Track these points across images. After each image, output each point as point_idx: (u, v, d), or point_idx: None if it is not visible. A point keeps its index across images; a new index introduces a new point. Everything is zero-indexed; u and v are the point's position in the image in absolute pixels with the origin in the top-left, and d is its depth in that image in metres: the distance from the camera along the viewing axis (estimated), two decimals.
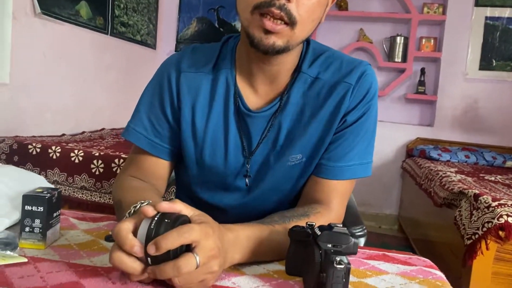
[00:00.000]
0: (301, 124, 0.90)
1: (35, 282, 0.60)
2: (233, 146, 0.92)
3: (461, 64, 3.73)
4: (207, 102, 0.92)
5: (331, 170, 0.90)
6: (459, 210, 1.93)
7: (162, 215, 0.60)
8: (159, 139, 0.94)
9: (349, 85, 0.88)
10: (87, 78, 3.02)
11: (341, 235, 0.64)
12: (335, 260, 0.60)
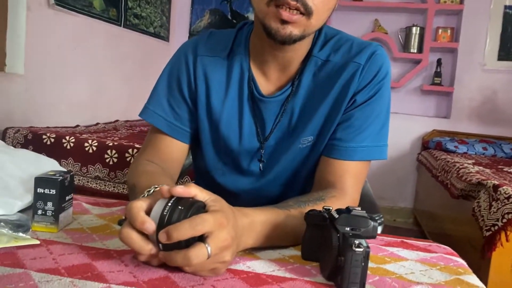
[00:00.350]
0: (311, 106, 0.90)
1: (48, 263, 0.60)
2: (247, 131, 0.93)
3: (478, 55, 3.66)
4: (223, 86, 0.93)
5: (343, 150, 0.88)
6: (478, 201, 1.89)
7: (177, 201, 0.58)
8: (178, 121, 0.95)
9: (358, 64, 0.88)
10: (102, 70, 3.03)
11: (359, 218, 0.62)
12: (354, 243, 0.58)
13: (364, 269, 0.58)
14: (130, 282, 0.56)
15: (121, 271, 0.59)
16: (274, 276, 0.62)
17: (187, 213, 0.57)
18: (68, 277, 0.56)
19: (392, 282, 0.63)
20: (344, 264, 0.58)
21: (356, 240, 0.58)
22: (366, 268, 0.59)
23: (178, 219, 0.57)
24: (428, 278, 0.66)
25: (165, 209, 0.58)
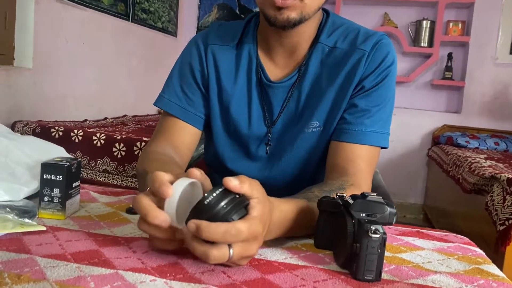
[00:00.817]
0: (318, 92, 0.92)
1: (54, 249, 0.58)
2: (255, 115, 0.95)
3: (490, 48, 3.60)
4: (232, 73, 0.96)
5: (354, 134, 0.88)
6: (491, 195, 1.85)
7: (223, 193, 0.53)
8: (192, 107, 0.97)
9: (364, 51, 0.89)
10: (110, 64, 3.02)
11: (375, 204, 0.59)
12: (370, 229, 0.55)
13: (381, 257, 0.56)
14: (138, 268, 0.54)
15: (128, 257, 0.57)
16: (287, 263, 0.60)
17: (228, 215, 0.52)
18: (74, 263, 0.54)
19: (409, 271, 0.61)
20: (359, 251, 0.56)
21: (373, 226, 0.56)
22: (383, 255, 0.56)
23: (216, 216, 0.52)
24: (446, 267, 0.64)
25: (209, 196, 0.52)
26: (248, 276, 0.54)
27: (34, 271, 0.51)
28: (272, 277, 0.55)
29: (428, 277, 0.59)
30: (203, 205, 0.52)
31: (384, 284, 0.56)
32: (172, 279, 0.52)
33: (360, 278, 0.56)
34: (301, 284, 0.54)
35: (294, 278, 0.55)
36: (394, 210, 0.60)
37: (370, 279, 0.56)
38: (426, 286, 0.56)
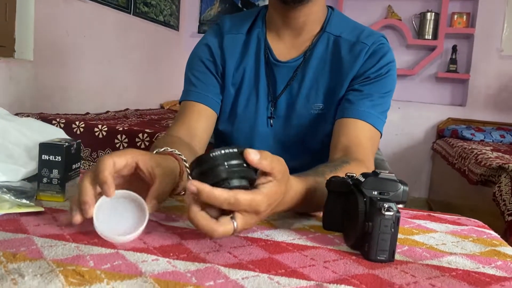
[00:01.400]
0: (321, 76, 0.98)
1: (52, 230, 0.56)
2: (262, 91, 1.00)
3: (496, 40, 3.55)
4: (243, 56, 1.02)
5: (355, 111, 0.91)
6: (499, 186, 1.82)
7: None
8: (207, 92, 0.99)
9: (366, 45, 0.95)
10: (111, 58, 3.00)
11: (388, 182, 0.57)
12: (383, 206, 0.53)
13: (394, 236, 0.54)
14: (139, 248, 0.52)
15: None
16: (295, 244, 0.57)
17: (227, 176, 0.50)
18: (73, 243, 0.52)
19: (422, 252, 0.58)
20: (372, 231, 0.53)
21: (386, 203, 0.53)
22: (396, 235, 0.54)
23: (213, 171, 0.50)
24: (461, 249, 0.61)
25: (217, 151, 0.50)
26: (255, 256, 0.52)
27: (31, 250, 0.49)
28: (280, 257, 0.52)
29: (443, 258, 0.57)
30: (207, 156, 0.50)
31: (397, 265, 0.53)
32: (175, 259, 0.49)
33: (373, 258, 0.53)
34: (311, 264, 0.51)
35: (303, 258, 0.53)
36: (407, 188, 0.57)
37: (383, 259, 0.53)
38: (442, 267, 0.54)
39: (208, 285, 0.43)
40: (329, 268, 0.50)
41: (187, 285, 0.43)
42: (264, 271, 0.48)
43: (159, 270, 0.46)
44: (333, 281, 0.46)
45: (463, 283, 0.49)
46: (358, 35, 0.97)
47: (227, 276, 0.46)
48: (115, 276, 0.44)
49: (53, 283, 0.41)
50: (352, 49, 0.95)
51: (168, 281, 0.43)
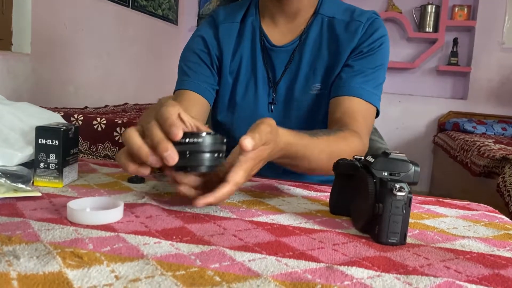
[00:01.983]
0: (318, 57, 0.98)
1: (50, 213, 0.54)
2: (261, 78, 1.00)
3: (497, 33, 3.54)
4: (238, 45, 1.01)
5: (348, 88, 0.92)
6: (503, 176, 1.80)
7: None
8: (202, 82, 0.99)
9: (360, 22, 0.97)
10: (110, 52, 2.97)
11: (399, 162, 0.54)
12: (394, 187, 0.51)
13: (406, 218, 0.51)
14: (141, 231, 0.50)
15: (131, 221, 0.53)
16: (302, 227, 0.55)
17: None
18: (71, 226, 0.50)
19: (434, 236, 0.56)
20: (382, 212, 0.51)
21: (397, 183, 0.51)
22: (408, 216, 0.52)
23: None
24: (474, 233, 0.59)
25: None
26: (262, 239, 0.50)
27: (27, 234, 0.46)
28: (287, 240, 0.50)
29: (456, 242, 0.54)
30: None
31: (409, 248, 0.51)
32: (178, 241, 0.47)
33: (383, 241, 0.51)
34: (320, 246, 0.49)
35: (311, 241, 0.51)
36: (418, 168, 0.55)
37: (394, 242, 0.51)
38: (455, 250, 0.51)
39: (213, 267, 0.41)
40: (338, 251, 0.48)
41: (191, 267, 0.41)
42: (271, 254, 0.46)
43: (162, 252, 0.44)
44: (343, 263, 0.44)
45: (478, 265, 0.47)
46: (351, 14, 0.98)
47: (233, 258, 0.43)
48: (115, 259, 0.41)
49: (50, 264, 0.39)
50: (347, 28, 0.97)
51: (171, 263, 0.41)
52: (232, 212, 0.59)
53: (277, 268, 0.42)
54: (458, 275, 0.44)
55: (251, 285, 0.38)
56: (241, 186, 0.73)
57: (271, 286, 0.38)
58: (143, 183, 0.72)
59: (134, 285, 0.36)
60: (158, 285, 0.37)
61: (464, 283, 0.42)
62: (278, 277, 0.40)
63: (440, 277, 0.42)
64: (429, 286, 0.40)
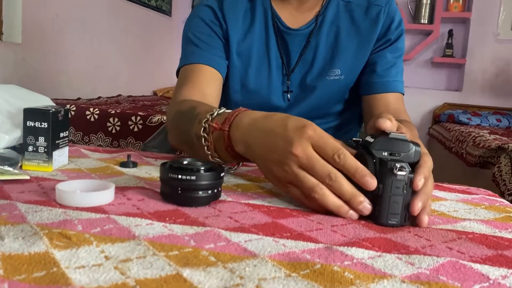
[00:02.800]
0: (338, 42, 0.94)
1: (37, 196, 0.52)
2: (274, 64, 0.95)
3: (492, 24, 3.53)
4: (248, 26, 0.95)
5: (386, 84, 0.93)
6: (498, 166, 1.79)
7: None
8: (215, 55, 0.92)
9: (380, 6, 0.94)
10: (103, 43, 2.93)
11: (399, 142, 0.53)
12: (395, 166, 0.49)
13: (407, 198, 0.50)
14: (132, 213, 0.48)
15: (122, 203, 0.51)
16: (299, 210, 0.54)
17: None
18: (60, 208, 0.48)
19: (435, 218, 0.55)
20: (382, 193, 0.50)
21: (398, 163, 0.49)
22: (409, 197, 0.50)
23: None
24: (475, 215, 0.58)
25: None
26: (258, 221, 0.48)
27: (13, 215, 0.45)
28: (284, 222, 0.49)
29: (457, 224, 0.53)
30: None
31: (410, 229, 0.50)
32: (171, 223, 0.45)
33: (383, 222, 0.50)
34: (318, 228, 0.47)
35: (309, 222, 0.49)
36: (419, 148, 0.53)
37: (394, 223, 0.50)
38: (457, 231, 0.50)
39: (208, 247, 0.39)
40: (337, 232, 0.46)
41: (185, 248, 0.39)
42: (268, 234, 0.44)
43: (154, 233, 0.42)
44: (343, 244, 0.43)
45: (481, 246, 0.46)
46: None
47: (228, 239, 0.42)
48: (106, 239, 0.40)
49: (36, 245, 0.37)
50: (368, 13, 0.94)
51: (164, 244, 0.39)
52: (227, 195, 0.58)
53: (275, 248, 0.40)
54: (461, 256, 0.42)
55: (247, 265, 0.36)
56: (237, 171, 0.72)
57: (269, 266, 0.36)
58: (136, 167, 0.70)
59: (125, 265, 0.35)
60: (150, 265, 0.35)
61: (468, 263, 0.40)
62: (275, 257, 0.38)
63: (443, 257, 0.41)
64: (432, 265, 0.39)
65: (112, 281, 0.32)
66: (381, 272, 0.37)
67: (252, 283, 0.33)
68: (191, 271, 0.34)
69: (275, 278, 0.34)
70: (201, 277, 0.33)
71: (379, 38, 0.94)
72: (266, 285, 0.32)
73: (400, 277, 0.36)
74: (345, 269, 0.37)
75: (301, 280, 0.34)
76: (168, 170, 0.51)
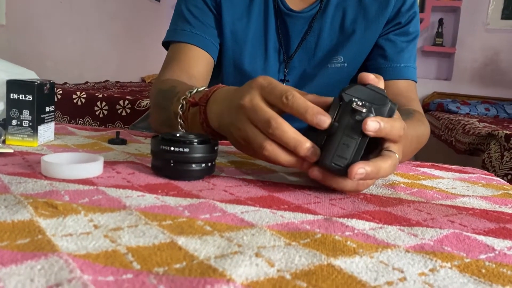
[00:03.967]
0: (342, 28, 0.88)
1: (21, 168, 0.49)
2: (272, 48, 0.88)
3: (482, 14, 3.53)
4: (247, 4, 0.88)
5: (396, 70, 0.87)
6: (488, 152, 1.80)
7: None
8: (206, 34, 0.86)
9: None
10: (90, 27, 2.87)
11: (375, 93, 0.46)
12: (356, 103, 0.44)
13: (361, 147, 0.44)
14: (122, 185, 0.46)
15: (112, 176, 0.49)
16: (296, 184, 0.52)
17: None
18: (46, 180, 0.45)
19: (434, 194, 0.54)
20: (336, 130, 0.44)
21: (360, 101, 0.44)
22: (364, 145, 0.44)
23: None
24: (474, 192, 0.56)
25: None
26: (254, 194, 0.46)
27: None
28: (281, 195, 0.47)
29: (457, 199, 0.52)
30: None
31: (410, 204, 0.48)
32: (164, 195, 0.43)
33: (327, 163, 0.44)
34: (316, 201, 0.46)
35: (306, 196, 0.47)
36: (395, 106, 0.47)
37: (338, 167, 0.44)
38: (457, 206, 0.49)
39: (203, 217, 0.37)
40: (336, 205, 0.45)
41: (179, 218, 0.37)
42: (265, 206, 0.42)
43: (146, 204, 0.40)
44: (342, 216, 0.41)
45: (483, 220, 0.44)
46: None
47: (224, 210, 0.40)
48: (94, 209, 0.37)
49: (19, 213, 0.35)
50: None
51: (156, 214, 0.38)
52: (221, 171, 0.56)
53: (272, 219, 0.39)
54: (463, 228, 0.41)
55: (245, 234, 0.34)
56: (229, 150, 0.70)
57: (267, 235, 0.34)
58: (125, 144, 0.68)
59: (115, 233, 0.32)
60: (142, 233, 0.33)
61: (472, 234, 0.39)
62: (274, 227, 0.36)
63: (446, 229, 0.40)
64: (435, 237, 0.38)
65: (101, 248, 0.30)
66: (384, 243, 0.35)
67: (251, 250, 0.31)
68: (186, 239, 0.32)
69: (275, 247, 0.32)
70: (197, 245, 0.31)
71: (388, 21, 0.87)
72: (266, 253, 0.31)
73: (404, 247, 0.35)
74: (347, 239, 0.35)
75: (302, 249, 0.32)
76: (160, 142, 0.49)
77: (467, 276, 0.30)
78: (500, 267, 0.33)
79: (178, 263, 0.28)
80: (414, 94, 0.89)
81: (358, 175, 0.42)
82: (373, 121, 0.43)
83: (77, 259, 0.27)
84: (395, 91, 0.86)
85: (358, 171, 0.42)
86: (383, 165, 0.44)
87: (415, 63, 0.90)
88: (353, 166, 0.43)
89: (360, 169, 0.42)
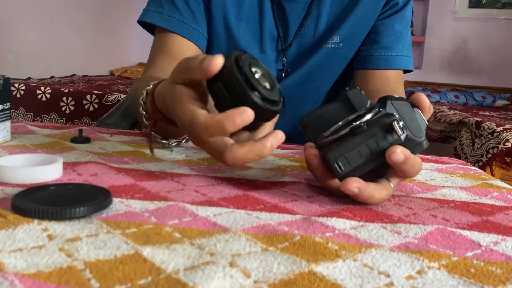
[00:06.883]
0: (340, 11, 0.84)
1: None
2: (268, 36, 0.83)
3: (450, 2, 3.57)
4: None
5: (391, 59, 0.84)
6: (459, 140, 1.83)
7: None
8: (196, 24, 0.80)
9: None
10: (55, 19, 2.76)
11: (417, 123, 0.44)
12: (397, 121, 0.41)
13: (372, 163, 0.41)
14: None
15: (72, 179, 0.45)
16: (271, 181, 0.49)
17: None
18: None
19: (413, 186, 0.52)
20: (359, 134, 0.41)
21: (402, 122, 0.41)
22: (372, 166, 0.42)
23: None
24: (453, 183, 0.55)
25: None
26: (228, 193, 0.43)
27: None
28: (256, 194, 0.44)
29: (437, 191, 0.50)
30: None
31: (391, 198, 0.46)
32: (129, 198, 0.40)
33: (330, 158, 0.41)
34: (293, 199, 0.43)
35: (283, 193, 0.45)
36: (427, 145, 0.47)
37: (337, 169, 0.41)
38: (437, 199, 0.47)
39: (171, 223, 0.34)
40: (314, 203, 0.43)
41: (145, 225, 0.34)
42: (239, 207, 0.39)
43: (108, 210, 0.36)
44: (322, 215, 0.39)
45: (465, 213, 0.43)
46: None
47: (195, 214, 0.37)
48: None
49: None
50: None
51: (119, 221, 0.34)
52: (192, 169, 0.53)
53: (248, 221, 0.36)
54: (447, 223, 0.39)
55: (218, 240, 0.31)
56: None
57: (242, 240, 0.32)
58: (89, 143, 0.64)
59: (72, 245, 0.29)
60: (103, 244, 0.30)
61: (457, 230, 0.37)
62: (249, 231, 0.34)
63: (429, 225, 0.38)
64: (419, 234, 0.36)
65: (55, 264, 0.26)
66: (366, 243, 0.33)
67: (225, 260, 0.28)
68: (152, 249, 0.29)
69: (251, 254, 0.29)
70: (165, 256, 0.28)
71: (386, 2, 0.82)
72: (241, 262, 0.28)
73: (388, 247, 0.33)
74: (327, 240, 0.33)
75: (280, 255, 0.30)
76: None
77: (456, 277, 0.28)
78: (488, 265, 0.31)
79: (142, 279, 0.25)
80: (401, 84, 0.86)
81: (349, 191, 0.40)
82: (401, 153, 0.40)
83: (25, 280, 0.24)
84: (384, 81, 0.84)
85: (352, 188, 0.40)
86: (377, 195, 0.41)
87: (410, 51, 0.87)
88: (351, 180, 0.40)
89: (355, 188, 0.40)
